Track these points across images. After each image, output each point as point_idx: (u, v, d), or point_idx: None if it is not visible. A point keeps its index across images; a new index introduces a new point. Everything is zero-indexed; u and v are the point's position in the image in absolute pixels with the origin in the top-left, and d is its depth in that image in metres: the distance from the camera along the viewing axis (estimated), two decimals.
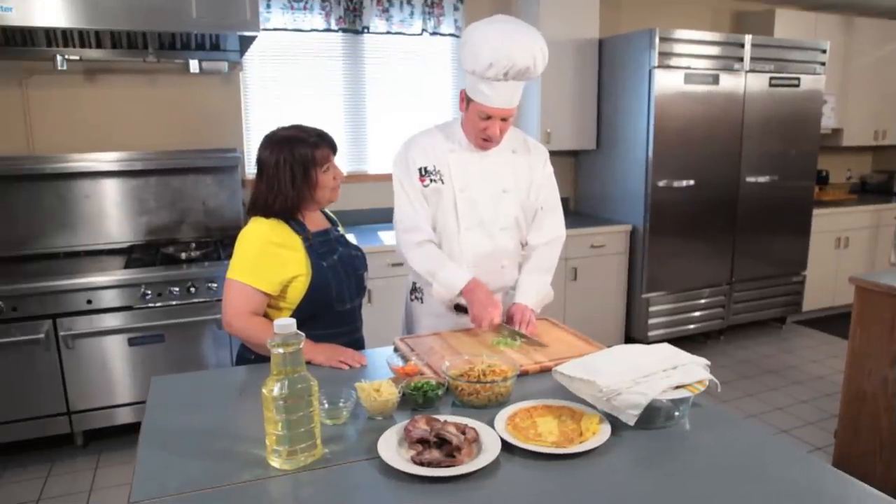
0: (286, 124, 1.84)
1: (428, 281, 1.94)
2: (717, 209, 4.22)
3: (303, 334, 1.23)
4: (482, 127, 1.87)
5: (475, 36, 1.80)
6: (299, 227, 1.78)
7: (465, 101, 1.89)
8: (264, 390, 1.20)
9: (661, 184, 3.96)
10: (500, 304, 1.89)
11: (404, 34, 3.94)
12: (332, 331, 1.82)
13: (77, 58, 3.17)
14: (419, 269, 1.96)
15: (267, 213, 1.76)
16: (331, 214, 2.01)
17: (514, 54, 1.76)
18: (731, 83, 4.07)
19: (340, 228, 1.98)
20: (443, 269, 1.91)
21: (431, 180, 1.95)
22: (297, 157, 1.74)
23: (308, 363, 1.59)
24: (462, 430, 1.25)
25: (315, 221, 1.86)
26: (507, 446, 1.25)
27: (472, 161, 1.96)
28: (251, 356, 1.81)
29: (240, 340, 1.83)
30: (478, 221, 1.96)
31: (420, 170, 1.95)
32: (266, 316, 1.77)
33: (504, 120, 1.88)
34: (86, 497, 2.69)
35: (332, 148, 1.82)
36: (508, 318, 1.94)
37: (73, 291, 2.84)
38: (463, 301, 1.91)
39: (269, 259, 1.72)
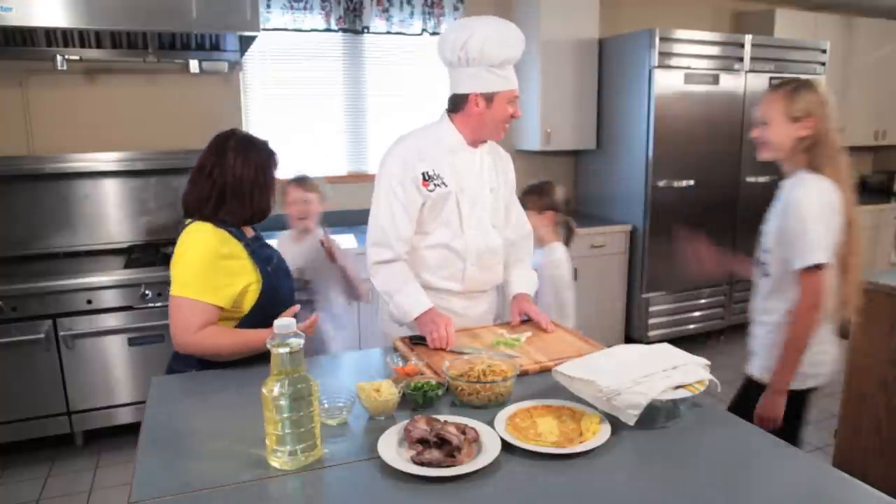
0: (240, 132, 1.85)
1: (385, 300, 1.97)
2: (717, 209, 4.22)
3: (302, 334, 1.23)
4: (511, 112, 1.91)
5: (495, 31, 1.83)
6: (239, 234, 1.76)
7: (485, 100, 1.87)
8: (264, 390, 1.20)
9: (661, 184, 3.96)
10: (451, 317, 1.87)
11: (404, 34, 3.93)
12: None
13: (77, 58, 3.16)
14: (379, 287, 1.97)
15: (240, 220, 1.77)
16: None
17: (522, 36, 1.89)
18: (731, 83, 4.07)
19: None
20: (399, 292, 1.90)
21: (436, 185, 1.93)
22: (271, 167, 1.80)
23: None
24: (462, 430, 1.25)
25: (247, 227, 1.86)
26: (507, 446, 1.25)
27: (469, 162, 1.98)
28: (184, 370, 1.73)
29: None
30: (477, 220, 1.98)
31: (423, 174, 1.93)
32: None
33: None
34: (86, 497, 2.69)
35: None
36: (518, 310, 2.00)
37: (73, 291, 2.84)
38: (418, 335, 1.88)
39: (219, 273, 1.67)
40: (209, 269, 1.66)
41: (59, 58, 3.09)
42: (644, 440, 1.31)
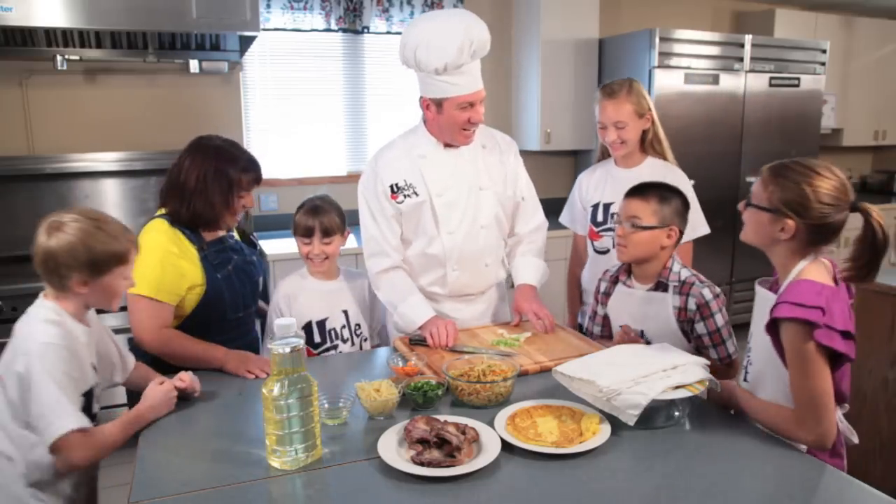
0: (221, 137, 1.87)
1: (390, 310, 1.95)
2: (717, 209, 4.20)
3: (303, 334, 1.23)
4: (466, 117, 1.82)
5: (429, 35, 1.74)
6: (194, 237, 1.77)
7: (434, 105, 1.83)
8: (264, 390, 1.20)
9: None
10: (455, 323, 1.88)
11: None
12: (223, 337, 1.78)
13: (77, 58, 3.16)
14: (383, 299, 1.96)
15: (180, 220, 1.77)
16: None
17: (474, 32, 1.75)
18: (731, 83, 4.07)
19: (236, 235, 1.96)
20: (403, 302, 1.89)
21: (405, 196, 1.90)
22: (231, 176, 1.78)
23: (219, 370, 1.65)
24: (462, 430, 1.25)
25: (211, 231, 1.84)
26: (507, 446, 1.25)
27: (445, 163, 1.92)
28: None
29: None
30: (458, 223, 1.92)
31: (391, 187, 1.90)
32: None
33: (481, 102, 1.84)
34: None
35: (259, 178, 1.83)
36: (517, 308, 1.97)
37: None
38: (418, 335, 1.87)
39: (171, 271, 1.71)
40: (163, 267, 1.70)
41: (59, 58, 3.08)
42: (644, 440, 1.31)
